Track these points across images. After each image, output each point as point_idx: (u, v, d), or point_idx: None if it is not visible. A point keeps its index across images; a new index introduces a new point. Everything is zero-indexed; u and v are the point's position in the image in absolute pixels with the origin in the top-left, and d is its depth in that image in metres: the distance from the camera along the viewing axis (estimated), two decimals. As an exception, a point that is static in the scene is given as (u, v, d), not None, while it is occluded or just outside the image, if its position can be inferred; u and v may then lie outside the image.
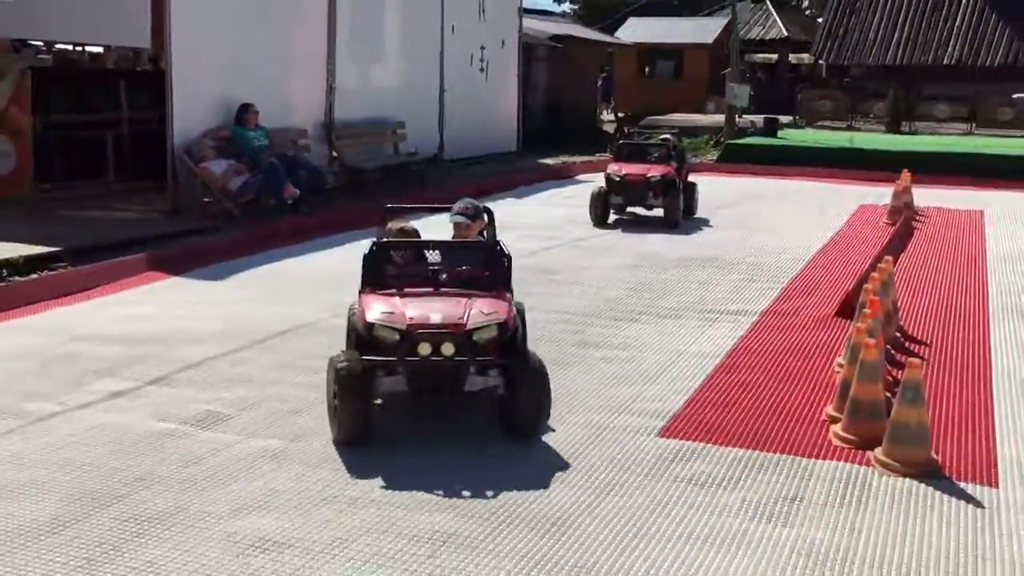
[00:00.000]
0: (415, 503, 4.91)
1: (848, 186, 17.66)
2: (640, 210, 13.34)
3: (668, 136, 15.58)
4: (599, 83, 31.76)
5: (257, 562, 4.33)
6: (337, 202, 13.92)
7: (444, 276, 5.93)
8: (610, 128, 26.32)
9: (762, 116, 24.98)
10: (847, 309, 8.35)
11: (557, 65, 24.83)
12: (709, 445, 5.79)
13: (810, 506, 5.03)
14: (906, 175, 14.80)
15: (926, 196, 15.78)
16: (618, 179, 13.08)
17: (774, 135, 22.78)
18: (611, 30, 36.26)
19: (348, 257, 10.91)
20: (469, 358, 5.40)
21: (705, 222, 13.68)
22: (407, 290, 5.72)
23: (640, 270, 10.51)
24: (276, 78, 14.41)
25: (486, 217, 6.47)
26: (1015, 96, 26.70)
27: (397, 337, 5.38)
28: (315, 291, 9.27)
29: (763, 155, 20.54)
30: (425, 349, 5.33)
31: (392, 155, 16.61)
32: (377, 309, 5.53)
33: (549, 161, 20.43)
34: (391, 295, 5.65)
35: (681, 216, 13.16)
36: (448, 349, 5.33)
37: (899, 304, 8.39)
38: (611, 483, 5.25)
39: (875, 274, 7.65)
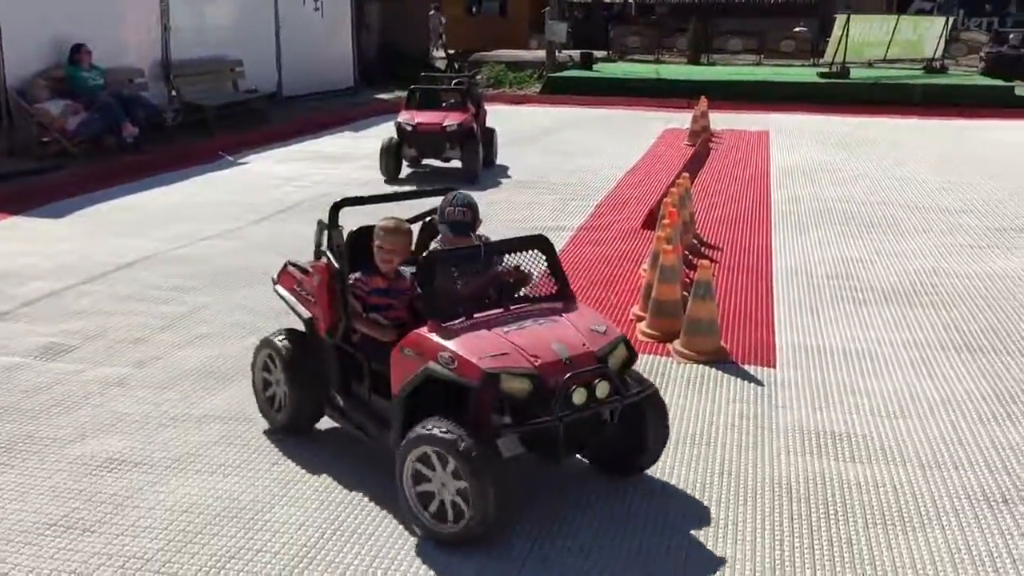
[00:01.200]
0: (260, 419, 4.82)
1: (654, 113, 18.07)
2: (436, 162, 11.43)
3: (467, 77, 13.49)
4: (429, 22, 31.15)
5: (105, 481, 4.17)
6: (178, 140, 13.22)
7: (502, 291, 4.01)
8: (442, 65, 25.89)
9: (579, 51, 25.14)
10: (651, 221, 8.62)
11: (390, 5, 24.17)
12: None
13: (618, 394, 5.21)
14: (703, 101, 15.29)
15: (721, 120, 16.32)
16: (410, 128, 11.04)
17: (590, 68, 22.97)
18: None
19: (188, 192, 10.50)
20: (622, 395, 3.76)
21: (530, 149, 13.74)
22: (476, 316, 3.80)
23: (472, 189, 10.46)
24: (109, 18, 13.45)
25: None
26: (796, 29, 27.86)
27: (529, 387, 3.56)
28: (156, 225, 8.84)
29: (580, 87, 20.71)
30: (580, 396, 3.60)
31: (232, 92, 15.86)
32: (475, 350, 3.58)
33: (384, 96, 19.97)
34: (464, 327, 3.72)
35: (481, 168, 11.22)
36: (603, 389, 3.67)
37: (696, 215, 8.71)
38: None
39: (674, 189, 7.91)
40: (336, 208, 4.31)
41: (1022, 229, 8.99)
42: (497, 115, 17.54)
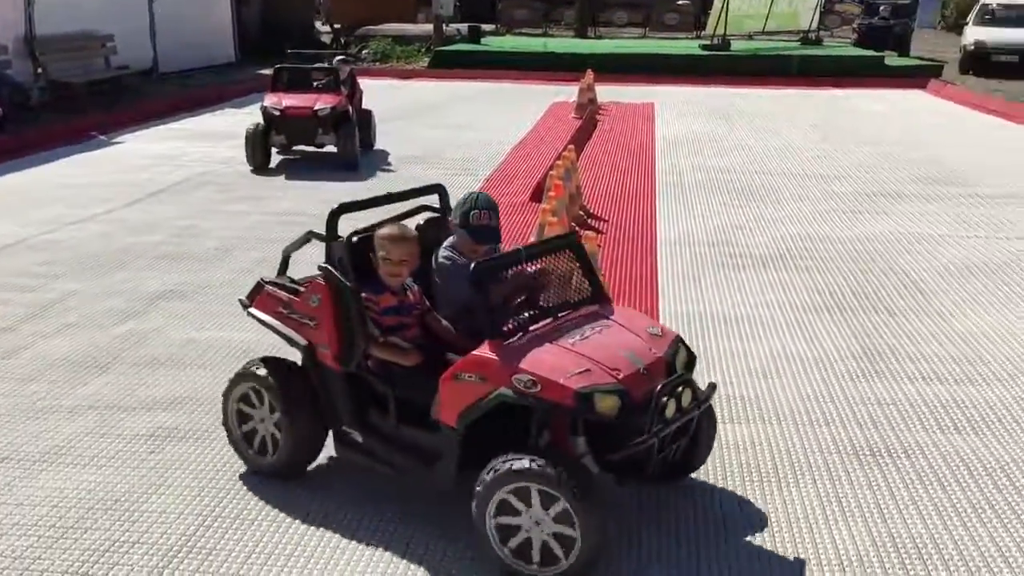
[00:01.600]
0: (136, 405, 4.65)
1: (543, 86, 18.14)
2: (309, 149, 10.60)
3: (342, 57, 12.11)
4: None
5: (-32, 479, 3.96)
6: (44, 119, 12.59)
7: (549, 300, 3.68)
8: (327, 39, 25.35)
9: (467, 25, 24.99)
10: (539, 194, 8.65)
11: (270, -23, 23.49)
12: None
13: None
14: (590, 74, 15.41)
15: (608, 92, 16.52)
16: (278, 113, 10.13)
17: (477, 42, 22.87)
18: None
19: (57, 174, 10.02)
20: (700, 401, 3.49)
21: (418, 124, 13.61)
22: (532, 330, 3.45)
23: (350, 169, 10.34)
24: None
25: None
26: (679, 3, 28.34)
27: (619, 404, 3.21)
28: (22, 210, 8.41)
29: (469, 61, 20.61)
30: (671, 408, 3.32)
31: (103, 69, 15.19)
32: (558, 370, 3.23)
33: (268, 72, 19.44)
34: (527, 344, 3.36)
35: (358, 153, 10.38)
36: (687, 398, 3.40)
37: (582, 187, 8.79)
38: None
39: (559, 162, 7.96)
40: (335, 216, 3.71)
41: (891, 194, 9.40)
42: (384, 90, 17.38)
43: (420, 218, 4.23)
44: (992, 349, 5.51)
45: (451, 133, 12.78)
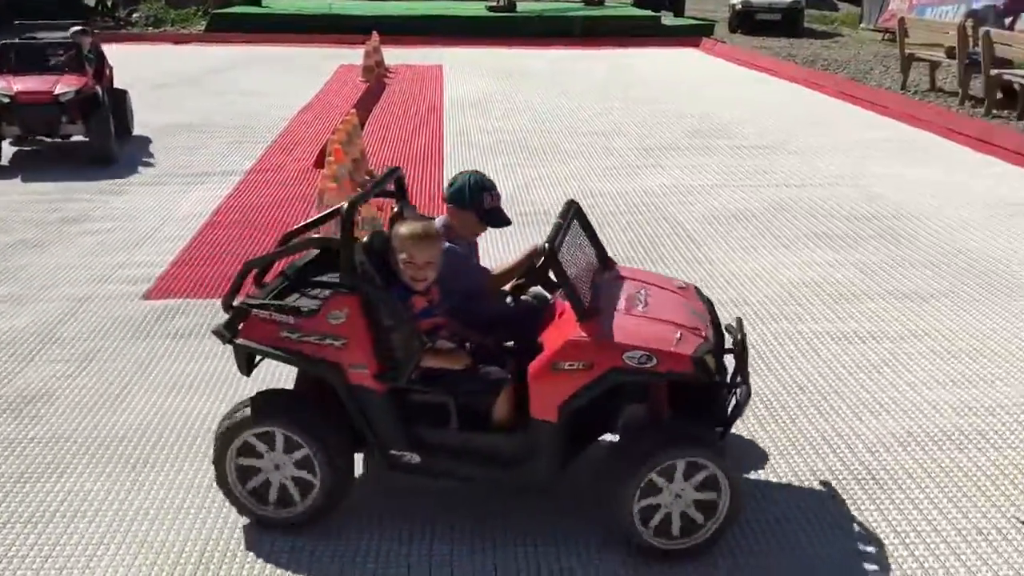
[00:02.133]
0: None
1: (329, 49, 17.69)
2: (53, 140, 9.00)
3: (79, 28, 10.12)
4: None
5: None
6: None
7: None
8: (92, 2, 23.55)
9: (246, -14, 23.92)
10: (322, 160, 8.42)
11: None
12: (194, 300, 5.61)
13: (289, 339, 5.08)
14: (375, 36, 15.16)
15: (396, 55, 16.33)
16: (8, 100, 8.51)
17: (259, 4, 21.99)
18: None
19: None
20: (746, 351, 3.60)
21: (193, 92, 12.93)
22: (600, 301, 3.35)
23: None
24: None
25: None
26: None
27: (715, 363, 3.25)
28: None
29: (250, 24, 19.77)
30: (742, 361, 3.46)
31: None
32: (662, 339, 3.18)
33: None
34: (610, 318, 3.25)
35: (114, 143, 8.89)
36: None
37: (367, 151, 8.65)
38: (92, 351, 4.88)
39: (340, 126, 7.78)
40: (352, 209, 3.22)
41: (666, 148, 9.83)
42: (158, 56, 16.41)
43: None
44: (754, 290, 5.89)
45: (230, 100, 12.23)
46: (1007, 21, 13.22)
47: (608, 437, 3.48)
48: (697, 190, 8.16)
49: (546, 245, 3.18)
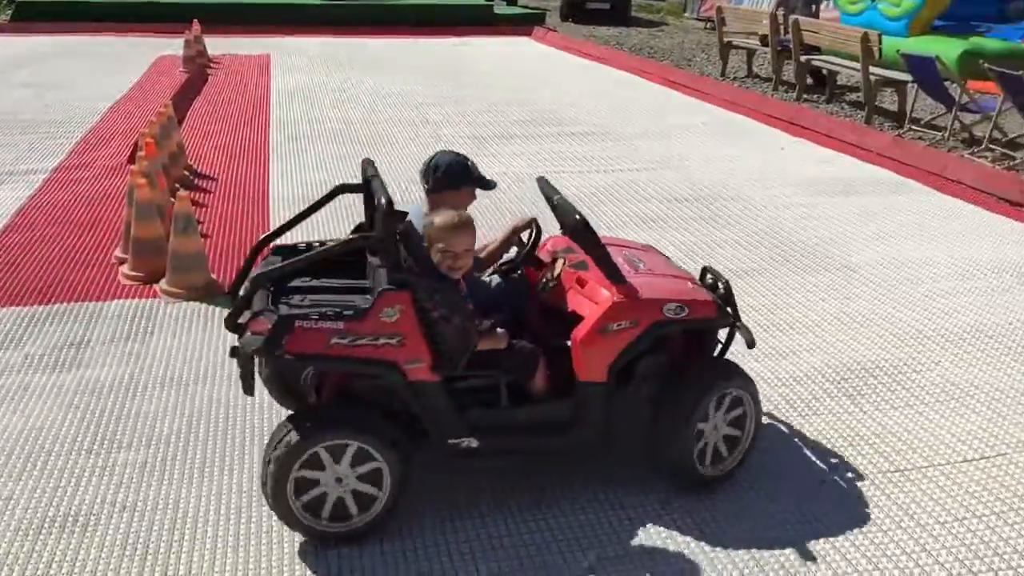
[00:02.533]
0: None
1: (148, 39, 16.82)
2: None
3: None
4: None
5: None
6: None
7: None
8: None
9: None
10: (135, 156, 7.99)
11: None
12: (-9, 309, 5.18)
13: (97, 346, 4.79)
14: (196, 26, 14.53)
15: (222, 44, 15.73)
16: None
17: (71, -9, 20.65)
18: None
19: None
20: None
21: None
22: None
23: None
24: None
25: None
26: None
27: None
28: None
29: (62, 12, 18.48)
30: None
31: None
32: (685, 292, 3.57)
33: None
34: (636, 280, 3.52)
35: None
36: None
37: (186, 145, 8.26)
38: None
39: (153, 119, 7.39)
40: (391, 216, 3.09)
41: (496, 136, 9.86)
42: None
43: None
44: (581, 273, 5.97)
45: (37, 94, 11.43)
46: (813, 8, 13.96)
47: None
48: (526, 178, 8.21)
49: (577, 216, 3.40)
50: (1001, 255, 6.53)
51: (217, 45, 15.33)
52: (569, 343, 3.39)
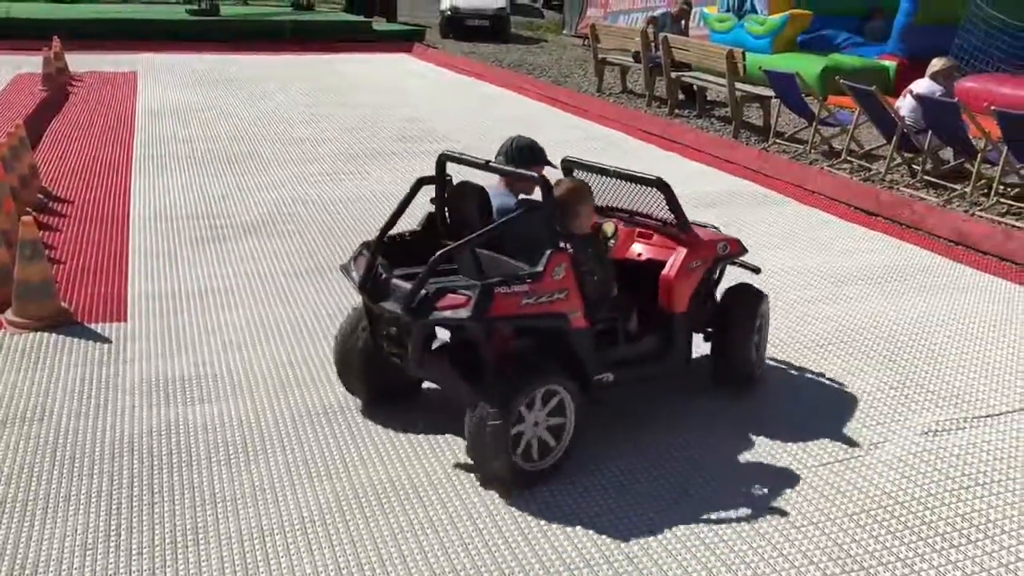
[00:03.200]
0: None
1: (5, 56, 16.00)
2: None
3: None
4: None
5: None
6: None
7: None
8: None
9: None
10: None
11: None
12: None
13: (-69, 383, 4.47)
14: (57, 41, 13.93)
15: (86, 61, 15.12)
16: None
17: (-82, 5, 19.55)
18: None
19: None
20: None
21: None
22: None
23: None
24: None
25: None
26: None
27: None
28: None
29: (-93, 27, 17.51)
30: None
31: None
32: (718, 235, 4.62)
33: None
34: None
35: None
36: None
37: (40, 167, 7.88)
38: None
39: (2, 140, 7.00)
40: (549, 185, 3.79)
41: (373, 153, 9.75)
42: None
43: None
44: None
45: None
46: (683, 23, 14.36)
47: None
48: (399, 196, 8.12)
49: (659, 177, 4.22)
50: (859, 263, 6.81)
51: (82, 62, 14.73)
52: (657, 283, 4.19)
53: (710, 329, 4.59)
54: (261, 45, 18.66)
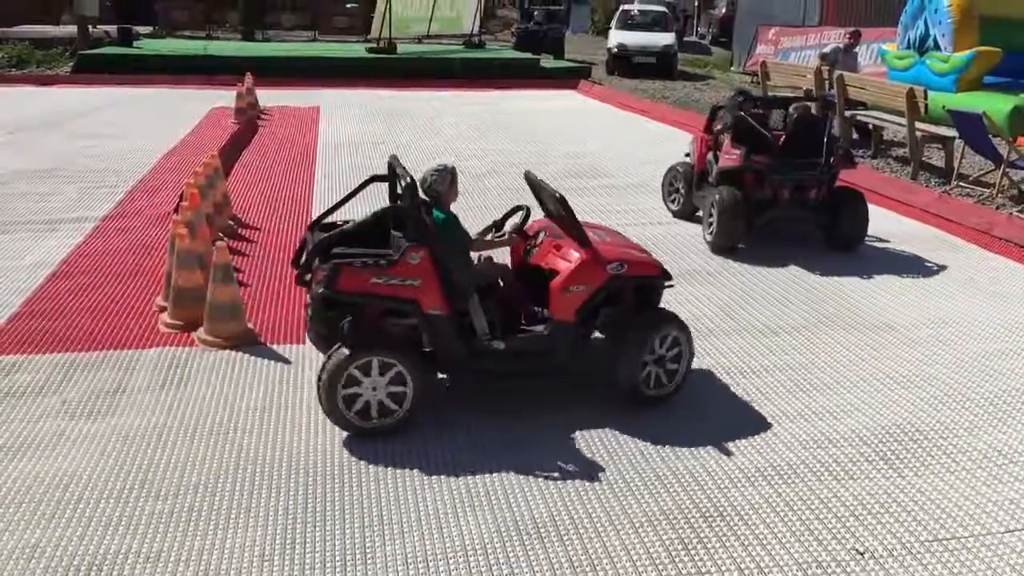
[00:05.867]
0: None
1: (202, 91, 17.27)
2: None
3: None
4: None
5: None
6: None
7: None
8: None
9: (116, 26, 23.25)
10: (180, 206, 8.16)
11: None
12: (32, 355, 5.29)
13: (132, 394, 4.86)
14: (249, 77, 14.90)
15: (273, 97, 16.09)
16: None
17: (130, 45, 21.34)
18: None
19: None
20: None
21: (53, 135, 12.40)
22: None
23: (-27, 188, 9.19)
24: None
25: None
26: (348, 6, 28.21)
27: None
28: None
29: (120, 65, 19.12)
30: None
31: None
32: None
33: None
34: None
35: None
36: None
37: (231, 195, 8.43)
38: (-90, 415, 4.54)
39: (199, 170, 7.55)
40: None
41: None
42: (20, 98, 15.74)
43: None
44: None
45: (92, 143, 11.76)
46: (855, 51, 13.92)
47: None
48: (565, 230, 8.22)
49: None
50: (1050, 316, 6.36)
51: (270, 97, 15.70)
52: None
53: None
54: (434, 81, 19.35)
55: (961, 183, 10.19)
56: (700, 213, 8.25)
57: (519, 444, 4.39)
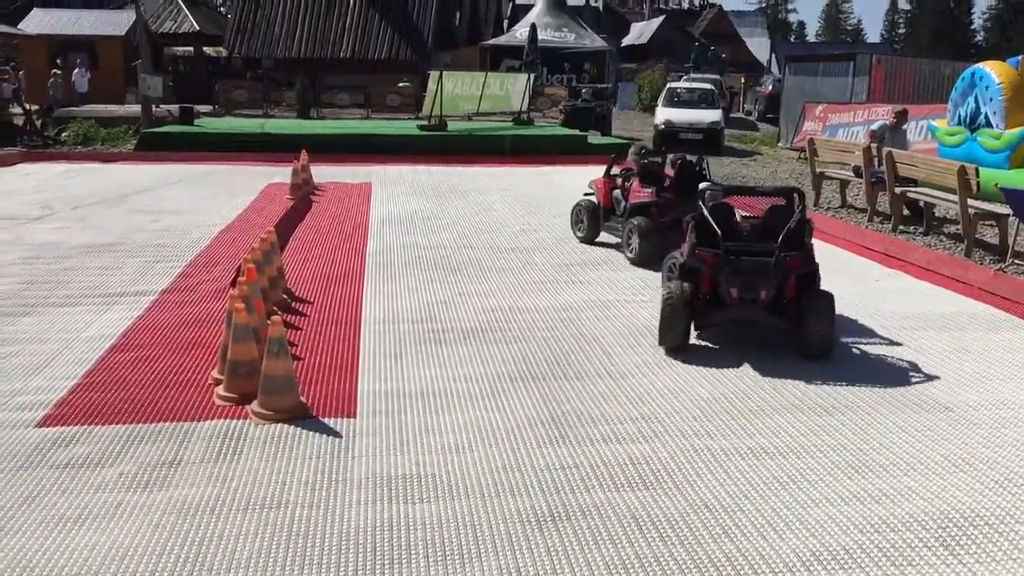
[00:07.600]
0: None
1: (259, 167, 17.79)
2: None
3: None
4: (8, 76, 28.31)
5: None
6: None
7: None
8: (19, 121, 23.49)
9: (178, 105, 24.17)
10: (237, 280, 8.35)
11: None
12: (92, 427, 5.41)
13: (187, 467, 4.93)
14: (304, 154, 15.33)
15: (326, 173, 16.50)
16: None
17: (191, 123, 22.14)
18: (14, 20, 32.45)
19: None
20: None
21: (116, 209, 12.83)
22: None
23: (38, 262, 9.52)
24: None
25: None
26: (400, 85, 29.02)
27: None
28: None
29: (181, 142, 19.83)
30: None
31: None
32: None
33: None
34: None
35: None
36: None
37: (285, 269, 8.62)
38: (-25, 484, 4.66)
39: (256, 245, 7.74)
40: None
41: (583, 263, 9.99)
42: (84, 174, 16.34)
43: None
44: (665, 404, 5.91)
45: (152, 219, 12.14)
46: (903, 128, 13.92)
47: None
48: (611, 304, 8.27)
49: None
50: (1114, 397, 6.19)
51: (324, 173, 16.10)
52: None
53: None
54: (483, 158, 19.71)
55: (1016, 261, 10.05)
56: (610, 237, 10.75)
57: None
